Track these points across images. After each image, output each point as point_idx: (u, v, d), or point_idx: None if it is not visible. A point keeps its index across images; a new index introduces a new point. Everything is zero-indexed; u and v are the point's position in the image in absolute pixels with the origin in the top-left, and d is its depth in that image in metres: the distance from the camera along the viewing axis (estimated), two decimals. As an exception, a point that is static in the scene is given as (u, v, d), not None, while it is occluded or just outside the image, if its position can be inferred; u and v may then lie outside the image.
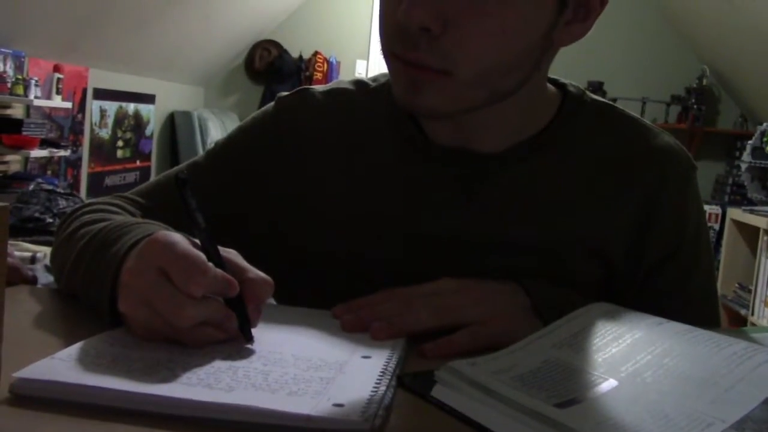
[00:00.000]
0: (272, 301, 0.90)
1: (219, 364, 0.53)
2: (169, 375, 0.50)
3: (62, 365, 0.50)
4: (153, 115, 5.32)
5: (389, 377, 0.52)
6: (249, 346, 0.57)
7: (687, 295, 0.81)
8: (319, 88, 0.87)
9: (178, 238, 0.57)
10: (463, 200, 0.78)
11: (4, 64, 3.28)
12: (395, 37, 0.68)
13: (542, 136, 0.79)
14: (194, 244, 0.58)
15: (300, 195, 0.82)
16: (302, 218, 0.82)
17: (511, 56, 0.68)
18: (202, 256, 0.56)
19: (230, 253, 0.61)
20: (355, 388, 0.49)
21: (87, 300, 0.65)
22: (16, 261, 0.78)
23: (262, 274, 0.60)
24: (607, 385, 0.52)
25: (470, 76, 0.68)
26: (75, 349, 0.53)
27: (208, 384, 0.49)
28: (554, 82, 0.83)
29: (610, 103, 0.85)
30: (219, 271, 0.56)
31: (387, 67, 0.73)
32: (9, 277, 0.74)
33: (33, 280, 0.77)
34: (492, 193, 0.78)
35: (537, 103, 0.79)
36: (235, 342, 0.58)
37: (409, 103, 0.70)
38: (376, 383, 0.51)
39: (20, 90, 3.32)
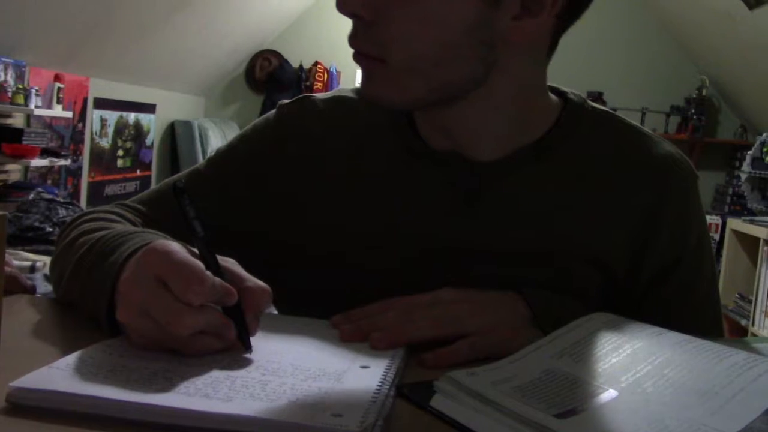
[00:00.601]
0: (273, 310, 0.90)
1: (217, 374, 0.52)
2: (168, 385, 0.49)
3: (60, 374, 0.50)
4: (153, 125, 5.33)
5: (388, 387, 0.52)
6: (247, 355, 0.57)
7: (690, 305, 0.81)
8: (320, 95, 0.88)
9: (175, 246, 0.57)
10: (461, 208, 0.78)
11: (5, 74, 3.29)
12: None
13: (541, 143, 0.79)
14: (192, 253, 0.58)
15: (300, 202, 0.82)
16: (302, 226, 0.82)
17: (439, 46, 0.69)
18: (200, 264, 0.56)
19: (228, 262, 0.61)
20: (354, 398, 0.49)
21: (85, 309, 0.65)
22: (15, 270, 0.78)
23: (260, 283, 0.60)
24: (607, 395, 0.52)
25: (402, 64, 0.69)
26: (73, 358, 0.53)
27: (206, 394, 0.48)
28: (555, 90, 0.83)
29: (611, 111, 0.85)
30: (217, 279, 0.56)
31: None
32: (7, 286, 0.74)
33: (32, 290, 0.77)
34: (491, 200, 0.78)
35: (532, 110, 0.79)
36: (233, 351, 0.57)
37: (364, 94, 0.75)
38: (375, 393, 0.50)
39: (21, 99, 3.33)
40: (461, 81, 0.72)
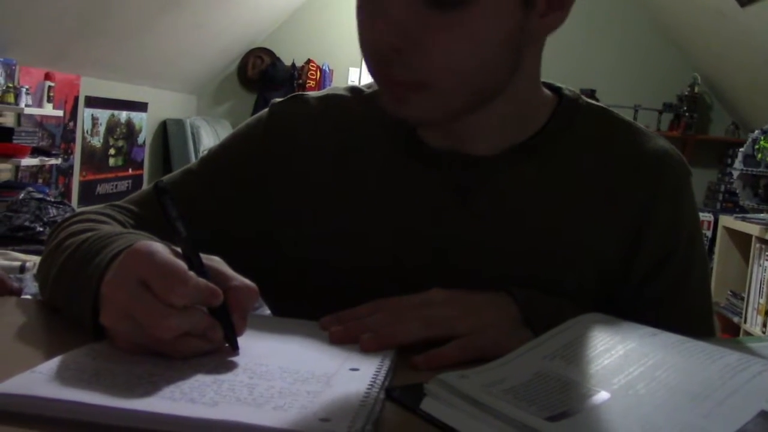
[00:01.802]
0: (266, 310, 0.89)
1: (203, 378, 0.51)
2: (152, 389, 0.49)
3: (42, 379, 0.49)
4: (145, 123, 5.30)
5: (377, 390, 0.52)
6: (235, 358, 0.56)
7: (681, 301, 0.81)
8: (313, 94, 0.87)
9: (158, 247, 0.56)
10: (458, 206, 0.77)
11: (-5, 72, 3.27)
12: (372, 55, 0.70)
13: (537, 139, 0.79)
14: (176, 254, 0.57)
15: (294, 201, 0.82)
16: (296, 225, 0.81)
17: (484, 60, 0.69)
18: (182, 264, 0.55)
19: (214, 261, 0.60)
20: (343, 402, 0.49)
21: (70, 313, 0.64)
22: (1, 272, 0.77)
23: (247, 281, 0.59)
24: (599, 397, 0.51)
25: (447, 85, 0.69)
26: (56, 362, 0.52)
27: (192, 398, 0.47)
28: (549, 86, 0.83)
29: (605, 107, 0.85)
30: (201, 280, 0.55)
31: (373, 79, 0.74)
32: (-8, 288, 0.73)
33: (18, 292, 0.76)
34: (487, 197, 0.77)
35: (529, 105, 0.78)
36: (220, 353, 0.56)
37: (396, 114, 0.72)
38: (364, 397, 0.50)
39: (11, 98, 3.30)
40: (494, 89, 0.72)
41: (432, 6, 0.64)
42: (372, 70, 0.72)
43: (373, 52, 0.70)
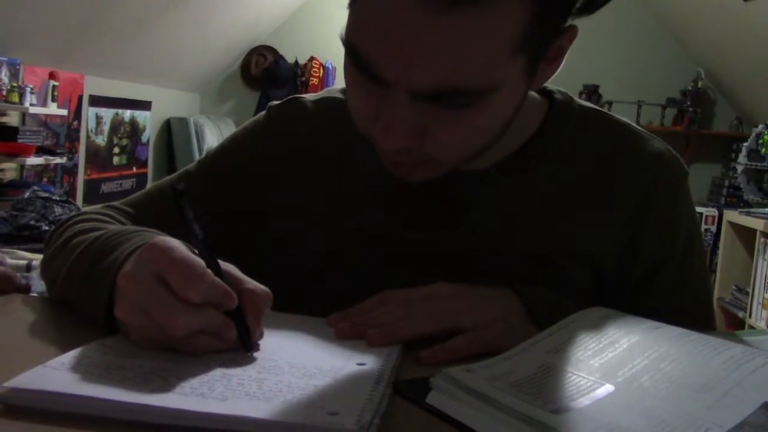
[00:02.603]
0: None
1: (213, 373, 0.52)
2: (163, 384, 0.49)
3: (54, 374, 0.49)
4: (149, 122, 5.31)
5: (384, 384, 0.52)
6: (243, 353, 0.57)
7: (679, 303, 0.81)
8: (309, 96, 0.88)
9: (176, 243, 0.57)
10: (454, 212, 0.78)
11: (0, 72, 3.27)
12: (379, 149, 0.68)
13: (529, 147, 0.79)
14: (192, 252, 0.58)
15: (290, 204, 0.82)
16: (292, 226, 0.82)
17: (493, 136, 0.68)
18: (201, 262, 0.55)
19: (227, 266, 0.60)
20: (350, 396, 0.49)
21: (82, 308, 0.64)
22: (9, 270, 0.77)
23: (260, 286, 0.60)
24: (604, 390, 0.52)
25: (455, 160, 0.68)
26: (68, 357, 0.52)
27: (202, 393, 0.48)
28: (542, 89, 0.83)
29: (600, 109, 0.85)
30: (218, 279, 0.56)
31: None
32: (1, 286, 0.74)
33: (26, 289, 0.77)
34: (483, 205, 0.78)
35: (521, 116, 0.78)
36: (235, 352, 0.57)
37: (398, 178, 0.71)
38: (371, 391, 0.50)
39: (15, 98, 3.31)
40: (498, 140, 0.71)
41: (442, 107, 0.62)
42: (379, 153, 0.69)
43: (379, 148, 0.68)
